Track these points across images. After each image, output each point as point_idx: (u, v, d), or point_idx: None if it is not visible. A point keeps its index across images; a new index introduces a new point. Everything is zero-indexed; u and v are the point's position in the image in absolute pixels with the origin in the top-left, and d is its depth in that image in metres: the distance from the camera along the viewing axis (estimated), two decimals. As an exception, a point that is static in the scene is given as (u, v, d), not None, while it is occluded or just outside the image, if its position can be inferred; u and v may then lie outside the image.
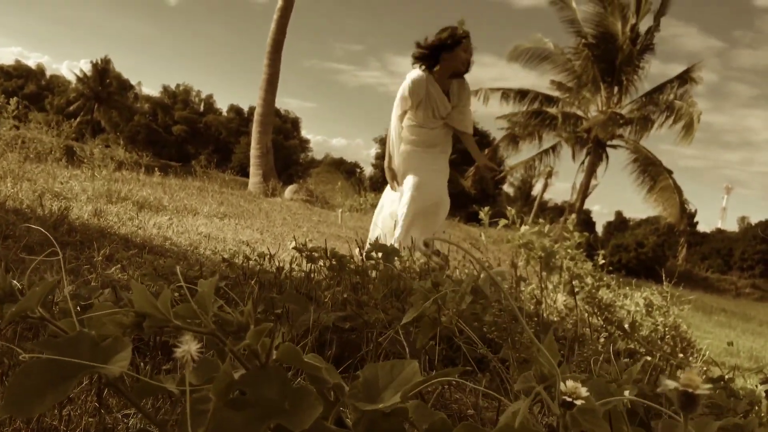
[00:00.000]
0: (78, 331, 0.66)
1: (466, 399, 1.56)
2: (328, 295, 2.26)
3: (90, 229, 3.33)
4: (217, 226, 5.01)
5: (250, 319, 0.65)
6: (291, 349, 0.67)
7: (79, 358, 0.63)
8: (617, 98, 22.72)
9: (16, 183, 4.38)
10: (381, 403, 0.68)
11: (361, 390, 0.70)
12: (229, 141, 57.62)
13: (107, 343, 0.64)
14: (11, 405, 0.60)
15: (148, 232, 3.72)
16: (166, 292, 0.62)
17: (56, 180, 5.27)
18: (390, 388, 0.70)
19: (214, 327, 0.64)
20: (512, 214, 3.20)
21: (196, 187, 8.96)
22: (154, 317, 0.62)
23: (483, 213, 3.41)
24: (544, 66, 23.33)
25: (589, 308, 3.15)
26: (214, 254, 3.57)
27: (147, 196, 5.75)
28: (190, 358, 0.56)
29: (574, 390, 0.57)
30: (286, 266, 2.91)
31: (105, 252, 2.60)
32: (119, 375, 0.64)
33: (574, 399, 0.57)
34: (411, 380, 0.70)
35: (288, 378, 0.65)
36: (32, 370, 0.62)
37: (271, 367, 0.66)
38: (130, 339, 0.64)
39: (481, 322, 2.00)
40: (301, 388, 0.63)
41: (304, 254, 3.04)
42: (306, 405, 0.62)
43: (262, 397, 0.63)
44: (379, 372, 0.73)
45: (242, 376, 0.65)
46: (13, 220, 2.96)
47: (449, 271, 3.19)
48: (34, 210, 3.34)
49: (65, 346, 0.64)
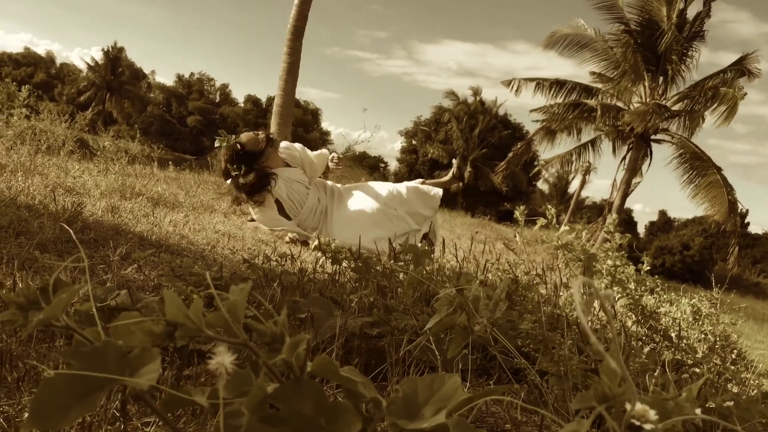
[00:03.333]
0: (104, 341, 0.67)
1: (503, 413, 1.56)
2: (354, 299, 2.27)
3: (104, 226, 3.38)
4: (235, 224, 5.05)
5: (285, 329, 0.66)
6: (327, 362, 0.68)
7: (105, 370, 0.64)
8: (662, 89, 22.44)
9: (28, 177, 4.45)
10: (422, 420, 0.68)
11: (401, 406, 0.70)
12: (246, 133, 57.97)
13: (135, 354, 0.65)
14: (36, 419, 0.61)
15: (163, 230, 3.77)
16: (198, 301, 0.63)
17: (68, 174, 5.35)
18: (430, 403, 0.70)
19: (246, 338, 0.65)
20: (552, 213, 3.18)
21: (212, 182, 9.04)
22: (186, 327, 0.63)
23: (518, 212, 3.39)
24: (583, 54, 23.13)
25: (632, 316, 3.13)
26: (232, 254, 3.60)
27: (162, 192, 5.82)
28: (224, 371, 0.56)
29: (644, 413, 0.57)
30: (309, 267, 2.92)
31: (121, 251, 2.63)
32: (146, 389, 0.65)
33: (642, 423, 0.56)
34: (452, 396, 0.70)
35: (324, 393, 0.65)
36: (57, 384, 0.63)
37: (305, 380, 0.66)
38: (159, 350, 0.65)
39: (517, 330, 2.00)
40: (337, 403, 0.64)
41: (328, 255, 3.05)
42: (343, 422, 0.62)
43: (297, 412, 0.64)
44: (418, 386, 0.73)
45: (276, 390, 0.65)
46: (25, 217, 3.01)
47: (481, 275, 3.18)
48: (46, 206, 3.39)
49: (91, 357, 0.65)
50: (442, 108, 46.54)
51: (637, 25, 21.79)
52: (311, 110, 62.92)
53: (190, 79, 65.41)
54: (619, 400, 0.56)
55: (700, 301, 4.41)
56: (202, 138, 57.97)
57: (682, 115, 21.76)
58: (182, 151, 44.87)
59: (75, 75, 61.44)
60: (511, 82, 23.64)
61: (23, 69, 59.94)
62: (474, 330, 1.54)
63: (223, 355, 0.57)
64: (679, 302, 4.74)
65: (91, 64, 58.95)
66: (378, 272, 2.71)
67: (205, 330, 0.64)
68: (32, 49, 68.71)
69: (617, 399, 0.56)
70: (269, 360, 0.64)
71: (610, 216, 3.50)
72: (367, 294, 2.37)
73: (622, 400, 0.56)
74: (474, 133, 43.71)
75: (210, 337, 0.63)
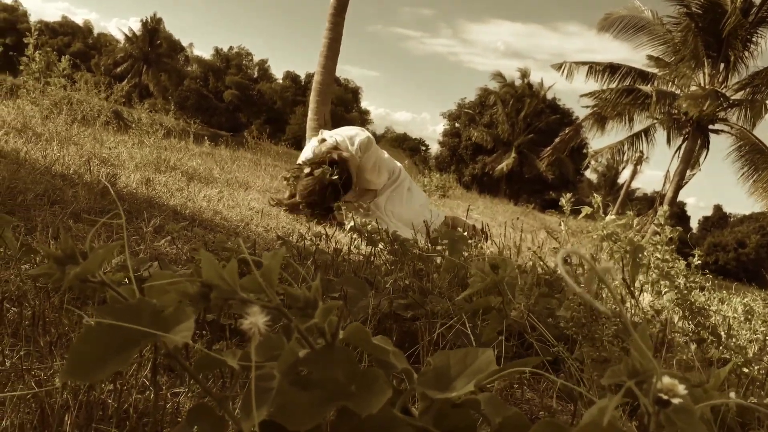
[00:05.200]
0: (139, 299, 0.70)
1: (538, 400, 1.57)
2: (389, 281, 2.30)
3: (138, 198, 3.46)
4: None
5: (318, 295, 0.68)
6: (359, 330, 0.70)
7: (140, 326, 0.67)
8: (722, 76, 21.92)
9: (63, 146, 4.56)
10: (453, 392, 0.70)
11: (432, 378, 0.72)
12: (283, 111, 58.29)
13: (169, 313, 0.68)
14: (73, 370, 0.64)
15: (197, 205, 3.83)
16: (233, 262, 0.65)
17: (103, 145, 5.47)
18: (462, 377, 0.72)
19: (279, 302, 0.67)
20: (598, 201, 3.15)
21: (248, 159, 9.15)
22: (220, 288, 0.65)
23: (564, 199, 3.37)
24: (639, 38, 22.68)
25: (679, 311, 3.10)
26: (266, 232, 3.65)
27: (197, 167, 5.91)
28: (257, 331, 0.59)
29: (672, 387, 0.57)
30: (344, 248, 2.95)
31: (155, 223, 2.69)
32: (181, 346, 0.68)
33: (671, 397, 0.57)
34: (485, 370, 0.71)
35: (356, 360, 0.67)
36: (93, 336, 0.66)
37: (337, 347, 0.68)
38: (193, 309, 0.68)
39: (555, 318, 2.00)
40: (369, 370, 0.66)
41: (364, 236, 3.08)
42: (375, 389, 0.64)
43: (329, 377, 0.66)
44: (450, 360, 0.74)
45: (308, 354, 0.68)
46: (60, 185, 3.09)
47: (519, 261, 3.18)
48: (81, 176, 3.48)
49: (126, 313, 0.68)
50: (487, 90, 46.16)
51: (698, 7, 21.26)
52: (351, 89, 62.95)
53: (229, 53, 65.85)
54: (650, 375, 0.57)
55: (754, 301, 4.34)
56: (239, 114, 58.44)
57: (742, 105, 21.23)
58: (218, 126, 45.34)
59: (112, 46, 62.38)
60: (562, 65, 23.32)
61: (60, 38, 61.03)
62: (510, 314, 1.56)
63: (256, 315, 0.59)
64: (731, 301, 4.67)
65: (129, 35, 59.77)
66: (415, 255, 2.73)
67: (239, 292, 0.66)
68: (69, 18, 69.95)
69: (647, 374, 0.57)
70: (302, 325, 0.66)
71: (661, 208, 3.45)
72: (403, 276, 2.39)
73: (653, 375, 0.57)
74: (520, 117, 43.29)
75: (244, 299, 0.65)
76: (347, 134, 5.34)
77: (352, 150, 5.15)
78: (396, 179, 5.53)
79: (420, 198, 5.76)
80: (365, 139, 5.26)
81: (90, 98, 7.57)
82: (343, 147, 5.18)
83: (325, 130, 5.65)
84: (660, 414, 0.56)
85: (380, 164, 5.37)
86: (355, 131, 5.42)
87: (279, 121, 55.32)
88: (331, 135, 5.38)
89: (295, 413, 0.62)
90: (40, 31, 7.39)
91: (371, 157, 5.29)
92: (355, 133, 5.35)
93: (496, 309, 1.62)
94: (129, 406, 1.26)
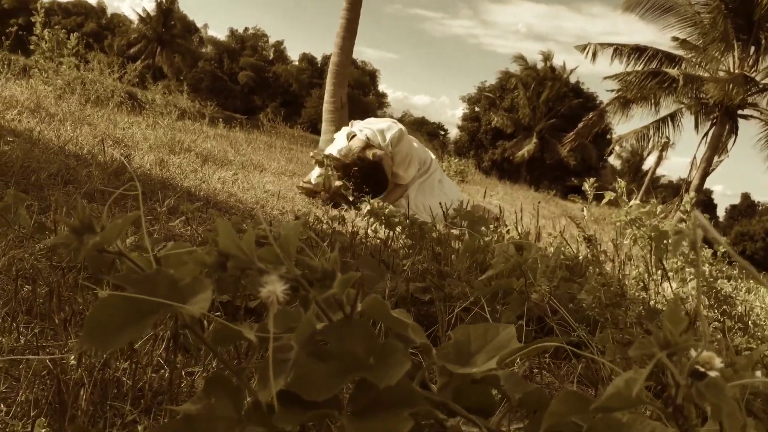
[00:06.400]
0: (156, 269, 0.71)
1: (558, 384, 1.57)
2: (406, 264, 2.30)
3: (152, 179, 3.48)
4: (285, 185, 5.13)
5: (337, 266, 0.68)
6: (378, 302, 0.70)
7: (156, 296, 0.68)
8: (753, 60, 21.63)
9: (77, 127, 4.60)
10: (473, 367, 0.70)
11: (452, 352, 0.73)
12: (299, 93, 58.24)
13: (186, 283, 0.69)
14: (90, 338, 0.65)
15: (211, 186, 3.85)
16: (251, 231, 0.66)
17: (117, 126, 5.51)
18: (483, 352, 0.72)
19: (297, 272, 0.67)
20: (622, 186, 3.13)
21: (263, 141, 9.18)
22: (237, 258, 0.66)
23: (588, 184, 3.36)
24: (666, 19, 22.40)
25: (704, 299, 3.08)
26: (281, 214, 3.67)
27: (211, 149, 5.94)
28: (276, 300, 0.59)
29: (709, 360, 0.57)
30: (361, 231, 2.96)
31: (169, 203, 2.71)
32: (198, 316, 0.69)
33: (707, 370, 0.57)
34: (506, 346, 0.72)
35: (374, 332, 0.68)
36: (110, 305, 0.67)
37: (356, 319, 0.69)
38: (210, 280, 0.69)
39: (576, 302, 2.00)
40: (387, 343, 0.66)
41: (381, 219, 3.09)
42: (393, 361, 0.65)
43: (346, 350, 0.66)
44: (471, 335, 0.75)
45: (326, 326, 0.68)
46: (73, 165, 3.12)
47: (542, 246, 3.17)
48: (94, 156, 3.51)
49: (143, 283, 0.69)
50: (508, 73, 45.85)
51: (729, -13, 20.98)
52: (369, 71, 62.70)
53: (244, 34, 65.77)
54: (683, 347, 0.57)
55: (782, 290, 4.30)
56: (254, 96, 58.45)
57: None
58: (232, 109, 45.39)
59: (125, 26, 62.50)
60: (586, 46, 23.08)
61: (73, 18, 61.23)
62: (531, 297, 1.56)
63: (274, 283, 0.60)
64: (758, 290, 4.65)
65: (143, 15, 59.88)
66: (433, 239, 2.73)
67: (257, 262, 0.67)
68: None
69: (681, 346, 0.57)
70: (319, 296, 0.66)
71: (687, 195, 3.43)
72: (421, 260, 2.40)
73: (687, 347, 0.57)
74: (541, 100, 42.99)
75: (261, 269, 0.66)
76: (378, 128, 5.27)
77: (383, 145, 5.12)
78: (426, 170, 5.46)
79: (451, 190, 5.67)
80: (397, 132, 5.19)
81: (103, 79, 7.61)
82: (375, 142, 5.14)
83: (355, 122, 5.59)
84: (692, 387, 0.56)
85: (411, 157, 5.30)
86: (386, 124, 5.36)
87: (294, 104, 55.29)
88: (362, 129, 5.32)
89: (312, 384, 0.63)
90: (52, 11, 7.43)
91: (401, 151, 5.23)
92: (387, 126, 5.29)
93: (517, 291, 1.62)
94: (144, 384, 1.28)
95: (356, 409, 0.65)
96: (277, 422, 0.61)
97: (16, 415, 1.12)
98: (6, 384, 1.21)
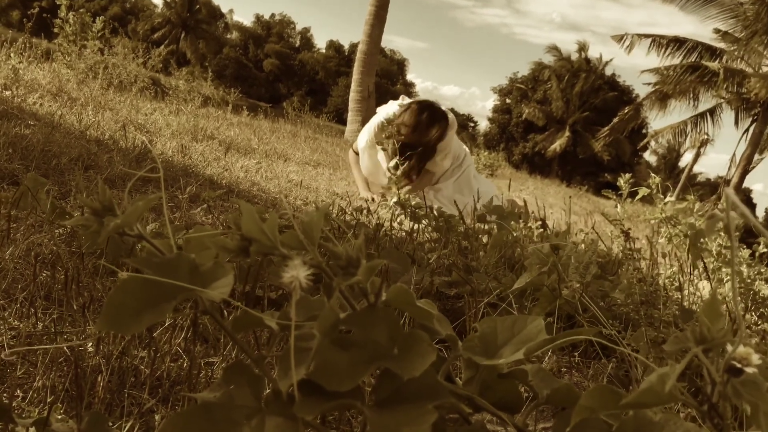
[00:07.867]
0: (177, 253, 0.72)
1: (587, 384, 1.56)
2: (432, 257, 2.30)
3: (174, 166, 3.51)
4: (309, 175, 5.14)
5: (361, 253, 0.68)
6: (403, 291, 0.70)
7: (177, 281, 0.68)
8: (798, 53, 21.29)
9: (98, 112, 4.65)
10: (500, 359, 0.70)
11: (478, 344, 0.72)
12: (325, 82, 58.34)
13: (208, 267, 0.69)
14: (109, 321, 0.66)
15: (234, 175, 3.87)
16: (274, 215, 0.66)
17: (139, 112, 5.55)
18: (510, 344, 0.72)
19: (321, 259, 0.67)
20: (656, 182, 3.10)
21: (287, 131, 9.20)
22: (260, 242, 0.66)
23: (622, 180, 3.33)
24: (707, 10, 22.13)
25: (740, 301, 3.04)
26: (305, 204, 3.68)
27: (234, 137, 5.97)
28: (299, 285, 0.59)
29: (747, 356, 0.56)
30: (386, 224, 2.96)
31: (191, 190, 2.73)
32: (219, 302, 0.69)
33: (744, 366, 0.56)
34: (534, 338, 0.71)
35: (398, 321, 0.68)
36: (130, 288, 0.67)
37: (380, 308, 0.69)
38: (232, 265, 0.69)
39: (608, 300, 1.98)
40: (412, 333, 0.66)
41: (407, 211, 3.08)
42: (418, 351, 0.64)
43: (370, 339, 0.66)
44: (498, 326, 0.74)
45: (349, 315, 0.68)
46: (95, 150, 3.15)
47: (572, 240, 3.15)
48: (116, 141, 3.54)
49: (164, 266, 0.69)
50: (542, 64, 45.56)
51: (774, -23, 20.66)
52: (397, 60, 62.64)
53: (270, 20, 65.98)
54: (720, 342, 0.56)
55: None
56: (279, 84, 58.65)
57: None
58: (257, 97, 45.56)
59: (150, 11, 63.03)
60: (623, 37, 22.88)
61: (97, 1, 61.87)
62: (562, 293, 1.54)
63: (297, 268, 0.60)
64: (798, 294, 4.57)
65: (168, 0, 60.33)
66: (460, 233, 2.72)
67: (280, 248, 0.67)
68: (107, -18, 70.79)
69: (718, 341, 0.56)
70: (343, 283, 0.66)
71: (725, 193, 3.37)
72: (447, 254, 2.39)
73: (724, 341, 0.56)
74: (575, 93, 42.66)
75: (284, 254, 0.66)
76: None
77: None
78: (460, 164, 5.39)
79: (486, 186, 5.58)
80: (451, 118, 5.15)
81: (126, 63, 7.69)
82: None
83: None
84: (728, 384, 0.56)
85: (450, 149, 5.21)
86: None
87: (321, 93, 55.38)
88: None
89: (334, 373, 0.63)
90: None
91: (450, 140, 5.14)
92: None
93: (548, 287, 1.61)
94: (162, 373, 1.29)
95: (379, 399, 0.65)
96: (297, 411, 0.61)
97: (33, 401, 1.14)
98: (23, 369, 1.23)
